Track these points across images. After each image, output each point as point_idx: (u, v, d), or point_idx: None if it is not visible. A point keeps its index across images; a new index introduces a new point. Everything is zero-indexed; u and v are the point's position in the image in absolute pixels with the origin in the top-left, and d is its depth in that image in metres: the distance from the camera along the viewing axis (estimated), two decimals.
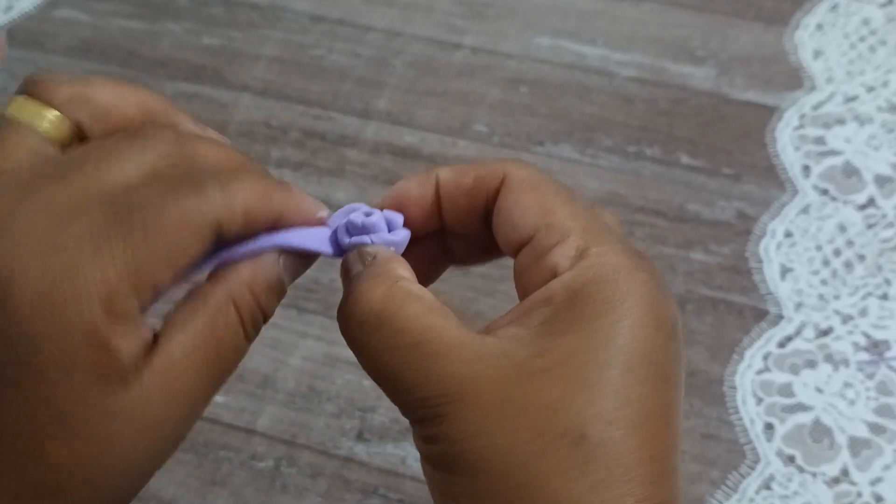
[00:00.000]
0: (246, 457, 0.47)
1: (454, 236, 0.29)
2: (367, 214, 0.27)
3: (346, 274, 0.26)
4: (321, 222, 0.26)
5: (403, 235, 0.27)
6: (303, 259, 0.26)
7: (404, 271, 0.25)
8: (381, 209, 0.27)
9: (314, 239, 0.26)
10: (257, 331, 0.25)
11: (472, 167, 0.27)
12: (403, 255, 0.27)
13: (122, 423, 0.22)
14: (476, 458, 0.22)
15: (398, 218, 0.27)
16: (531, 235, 0.25)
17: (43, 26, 0.68)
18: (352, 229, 0.26)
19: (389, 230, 0.27)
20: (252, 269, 0.24)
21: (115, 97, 0.26)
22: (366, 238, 0.26)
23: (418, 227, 0.27)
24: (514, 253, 0.26)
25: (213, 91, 0.63)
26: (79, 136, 0.25)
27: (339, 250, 0.27)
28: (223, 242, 0.24)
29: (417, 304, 0.24)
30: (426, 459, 0.24)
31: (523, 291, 0.25)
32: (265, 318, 0.25)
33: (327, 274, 0.53)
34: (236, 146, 0.26)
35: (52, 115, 0.25)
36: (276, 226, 0.25)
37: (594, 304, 0.23)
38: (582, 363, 0.22)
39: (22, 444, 0.21)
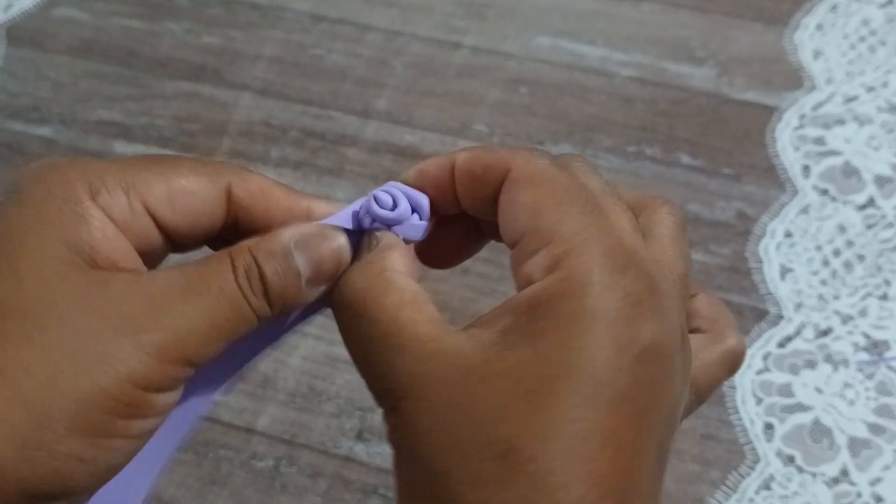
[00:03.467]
0: (246, 456, 0.47)
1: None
2: (394, 200, 0.27)
3: (355, 256, 0.26)
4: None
5: (421, 226, 0.27)
6: (320, 240, 0.26)
7: (397, 260, 0.25)
8: (406, 183, 0.27)
9: (335, 217, 0.27)
10: (259, 296, 0.24)
11: (485, 154, 0.26)
12: (436, 231, 0.27)
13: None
14: (417, 454, 0.23)
15: (423, 202, 0.27)
16: (520, 238, 0.24)
17: (43, 25, 0.68)
18: (375, 218, 0.26)
19: (414, 212, 0.27)
20: (256, 238, 0.25)
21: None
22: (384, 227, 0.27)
23: (436, 207, 0.27)
24: (512, 249, 0.26)
25: (213, 91, 0.63)
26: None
27: (360, 226, 0.27)
28: None
29: (394, 296, 0.24)
30: (387, 439, 0.24)
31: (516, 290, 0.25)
32: (265, 281, 0.24)
33: None
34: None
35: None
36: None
37: (551, 320, 0.22)
38: (527, 376, 0.22)
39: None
